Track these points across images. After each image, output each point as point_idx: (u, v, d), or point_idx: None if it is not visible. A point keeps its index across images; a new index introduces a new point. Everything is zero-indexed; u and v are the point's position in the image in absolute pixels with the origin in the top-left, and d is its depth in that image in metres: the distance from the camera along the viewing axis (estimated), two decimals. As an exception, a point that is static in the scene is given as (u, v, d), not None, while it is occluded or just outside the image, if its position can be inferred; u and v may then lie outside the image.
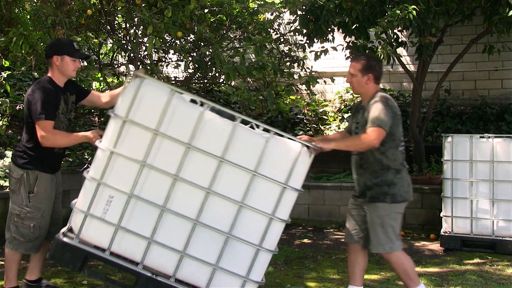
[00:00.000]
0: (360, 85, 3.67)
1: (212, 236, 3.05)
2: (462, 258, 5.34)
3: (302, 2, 6.43)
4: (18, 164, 3.68)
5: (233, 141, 3.00)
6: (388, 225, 3.57)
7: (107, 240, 3.06)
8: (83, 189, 3.15)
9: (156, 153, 3.00)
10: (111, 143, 3.03)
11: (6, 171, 7.07)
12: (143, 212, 3.03)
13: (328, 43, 6.81)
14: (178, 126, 2.99)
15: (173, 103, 3.00)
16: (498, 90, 8.73)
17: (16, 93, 6.64)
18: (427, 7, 5.82)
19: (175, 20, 5.41)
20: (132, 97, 3.00)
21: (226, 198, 3.02)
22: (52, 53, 3.66)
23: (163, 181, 3.01)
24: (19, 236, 3.68)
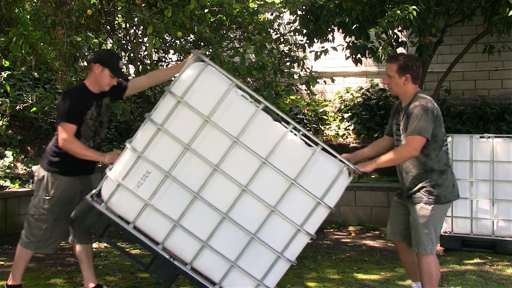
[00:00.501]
0: (398, 87, 3.62)
1: (237, 233, 3.05)
2: (462, 258, 5.34)
3: (302, 2, 6.42)
4: (43, 165, 3.74)
5: (281, 146, 3.01)
6: (431, 226, 3.54)
7: (133, 214, 3.05)
8: (121, 157, 3.12)
9: (202, 140, 3.00)
10: (160, 119, 3.01)
11: (6, 171, 7.08)
12: (176, 195, 3.02)
13: (328, 43, 6.81)
14: (231, 119, 2.99)
15: (231, 95, 3.01)
16: (498, 90, 8.73)
17: (16, 93, 6.65)
18: (427, 7, 5.82)
19: (175, 20, 5.41)
20: (192, 79, 2.99)
21: (260, 200, 3.02)
22: (97, 61, 3.70)
23: (202, 169, 3.01)
24: (30, 235, 3.72)
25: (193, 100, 2.98)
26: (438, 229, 3.60)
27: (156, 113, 3.06)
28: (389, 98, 8.91)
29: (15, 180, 7.00)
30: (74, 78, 5.49)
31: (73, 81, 5.57)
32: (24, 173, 7.29)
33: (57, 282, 4.61)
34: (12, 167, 7.30)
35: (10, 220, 6.58)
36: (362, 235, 6.57)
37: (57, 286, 4.52)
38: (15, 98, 5.90)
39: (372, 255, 5.53)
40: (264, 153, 3.00)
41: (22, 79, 8.37)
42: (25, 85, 8.24)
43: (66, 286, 4.50)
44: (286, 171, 3.00)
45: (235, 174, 3.00)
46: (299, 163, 3.02)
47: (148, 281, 4.57)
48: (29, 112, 5.97)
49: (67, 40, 5.13)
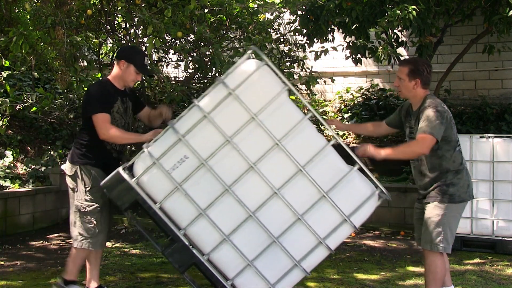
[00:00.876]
0: (408, 90, 3.64)
1: (260, 234, 3.05)
2: (462, 258, 5.34)
3: (302, 2, 6.42)
4: (72, 160, 3.74)
5: (320, 157, 3.02)
6: (445, 224, 3.53)
7: (162, 195, 3.05)
8: (162, 136, 3.10)
9: (245, 136, 3.00)
10: (209, 107, 3.01)
11: (6, 171, 7.08)
12: (208, 184, 3.02)
13: (328, 43, 6.81)
14: (277, 121, 3.00)
15: (282, 98, 3.01)
16: (498, 90, 8.73)
17: (16, 93, 6.65)
18: (427, 7, 5.82)
19: (175, 20, 5.41)
20: (247, 75, 2.99)
21: (289, 206, 3.02)
22: (123, 57, 3.74)
23: (239, 164, 3.01)
24: (84, 231, 3.72)
25: (244, 95, 2.98)
26: (453, 229, 3.59)
27: (205, 100, 3.05)
28: (389, 98, 8.90)
29: (15, 180, 7.00)
30: (74, 78, 5.49)
31: (73, 81, 5.57)
32: (24, 173, 7.29)
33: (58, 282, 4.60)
34: (12, 167, 7.30)
35: (10, 220, 6.58)
36: (362, 235, 6.57)
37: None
38: (15, 98, 5.90)
39: (372, 255, 5.53)
40: (303, 161, 3.01)
41: (22, 79, 8.37)
42: (25, 85, 8.24)
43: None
44: (321, 182, 3.01)
45: (270, 176, 3.01)
46: (335, 177, 3.04)
47: (148, 281, 4.57)
48: (29, 112, 5.97)
49: (67, 40, 5.13)
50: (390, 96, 9.00)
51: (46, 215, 7.03)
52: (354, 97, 9.46)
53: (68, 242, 6.22)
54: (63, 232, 6.70)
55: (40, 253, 5.76)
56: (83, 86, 5.36)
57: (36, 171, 7.30)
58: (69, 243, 6.20)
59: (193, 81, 6.56)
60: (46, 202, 7.04)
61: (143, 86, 6.25)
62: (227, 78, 3.02)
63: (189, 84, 6.46)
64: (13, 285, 4.56)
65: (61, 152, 7.84)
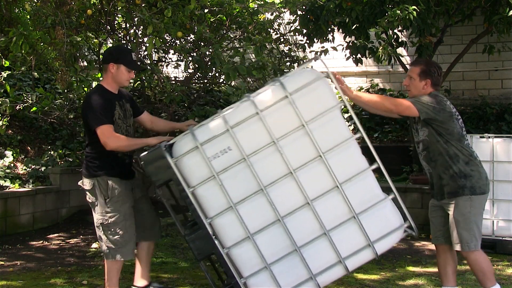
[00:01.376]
0: (417, 90, 3.67)
1: (283, 240, 3.05)
2: (462, 258, 5.31)
3: (302, 2, 6.42)
4: (87, 174, 3.71)
5: (359, 178, 3.05)
6: (472, 222, 3.55)
7: (197, 180, 3.04)
8: (210, 122, 3.10)
9: (291, 142, 3.01)
10: (262, 105, 3.01)
11: (6, 171, 7.08)
12: (244, 180, 3.03)
13: (328, 43, 6.81)
14: (325, 134, 3.02)
15: (335, 113, 3.04)
16: (498, 90, 8.73)
17: (16, 93, 6.65)
18: (427, 7, 5.82)
19: (175, 20, 5.40)
20: (307, 82, 3.01)
21: (318, 219, 3.03)
22: (109, 60, 3.69)
23: (279, 168, 3.02)
24: (111, 244, 3.67)
25: (299, 101, 2.99)
26: (479, 224, 3.60)
27: (259, 97, 3.05)
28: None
29: (15, 180, 7.00)
30: (74, 78, 5.48)
31: (73, 81, 5.56)
32: (24, 173, 7.29)
33: (57, 282, 4.61)
34: (12, 167, 7.30)
35: (10, 220, 6.58)
36: (362, 235, 6.56)
37: (57, 286, 4.52)
38: (15, 98, 5.89)
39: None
40: (341, 179, 3.02)
41: (22, 79, 8.37)
42: (25, 85, 8.24)
43: (66, 286, 4.50)
44: (354, 203, 3.03)
45: (306, 185, 3.02)
46: (369, 201, 3.06)
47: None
48: (29, 112, 5.96)
49: (67, 40, 5.12)
50: (390, 95, 9.00)
51: (46, 215, 7.03)
52: (354, 97, 9.46)
53: (68, 242, 6.23)
54: (63, 232, 6.70)
55: (40, 253, 5.76)
56: (83, 86, 5.35)
57: (36, 171, 7.30)
58: (69, 243, 6.20)
59: (193, 81, 6.55)
60: (46, 202, 7.04)
61: (143, 86, 6.25)
62: (286, 81, 3.03)
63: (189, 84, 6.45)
64: (13, 285, 4.57)
65: (61, 152, 7.84)
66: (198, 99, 7.84)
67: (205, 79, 6.51)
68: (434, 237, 3.80)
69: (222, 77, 6.07)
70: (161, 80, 5.69)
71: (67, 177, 7.36)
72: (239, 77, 5.42)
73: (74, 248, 5.97)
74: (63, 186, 7.27)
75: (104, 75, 3.77)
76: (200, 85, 6.92)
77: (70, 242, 6.25)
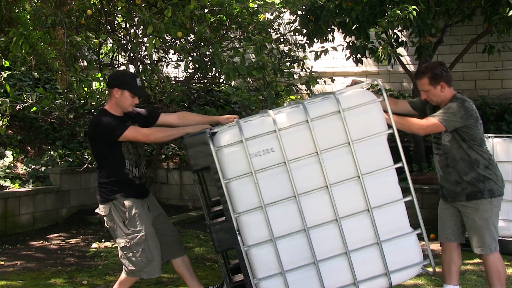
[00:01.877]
0: (437, 96, 3.65)
1: (304, 251, 3.05)
2: (462, 258, 5.32)
3: (302, 2, 6.42)
4: (102, 200, 3.68)
5: (390, 207, 3.07)
6: (492, 225, 3.57)
7: (234, 174, 3.03)
8: (258, 120, 3.10)
9: (333, 156, 3.02)
10: (313, 114, 3.00)
11: (6, 171, 7.08)
12: (279, 183, 3.02)
13: (328, 43, 6.81)
14: (368, 157, 3.04)
15: (381, 139, 3.08)
16: (498, 90, 8.73)
17: (16, 93, 6.65)
18: (427, 7, 5.82)
19: (175, 20, 5.40)
20: (362, 102, 3.05)
21: (343, 238, 3.03)
22: (114, 85, 3.68)
23: (316, 179, 3.02)
24: (133, 265, 3.63)
25: (350, 119, 3.00)
26: (496, 225, 3.63)
27: (312, 106, 3.05)
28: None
29: (15, 180, 7.00)
30: (74, 78, 5.49)
31: (73, 81, 5.56)
32: (24, 173, 7.29)
33: (57, 282, 4.61)
34: (12, 167, 7.30)
35: (10, 220, 6.58)
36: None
37: (57, 286, 4.52)
38: (15, 98, 5.90)
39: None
40: (374, 204, 3.04)
41: (22, 79, 8.37)
42: (25, 85, 8.24)
43: (66, 286, 4.50)
44: (380, 230, 3.04)
45: (338, 202, 3.02)
46: (395, 231, 3.08)
47: (148, 281, 4.57)
48: (29, 112, 5.97)
49: (67, 40, 5.12)
50: (390, 96, 9.00)
51: (46, 215, 7.03)
52: (354, 97, 9.46)
53: (68, 242, 6.23)
54: (63, 232, 6.70)
55: (40, 253, 5.77)
56: (83, 86, 5.35)
57: (36, 171, 7.30)
58: (69, 242, 6.21)
59: (193, 81, 6.55)
60: (46, 202, 7.04)
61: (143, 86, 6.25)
62: (342, 97, 3.04)
63: (189, 84, 6.45)
64: (13, 285, 4.57)
65: (61, 152, 7.84)
66: (198, 99, 7.84)
67: (205, 79, 6.51)
68: (443, 235, 3.80)
69: (222, 77, 6.07)
70: (161, 80, 5.69)
71: (67, 177, 7.37)
72: (239, 77, 5.42)
73: (74, 248, 5.97)
74: (63, 186, 7.27)
75: (108, 100, 3.74)
76: (200, 85, 6.92)
77: (70, 242, 6.25)
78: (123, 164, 3.62)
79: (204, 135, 3.09)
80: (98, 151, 3.68)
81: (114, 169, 3.62)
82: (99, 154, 3.69)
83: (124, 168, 3.63)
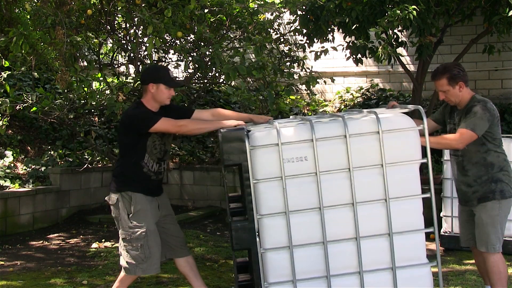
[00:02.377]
0: (456, 96, 3.68)
1: (319, 264, 3.05)
2: (462, 258, 5.33)
3: (302, 2, 6.41)
4: (113, 189, 3.71)
5: (410, 235, 3.09)
6: (499, 224, 3.59)
7: (263, 176, 3.03)
8: (297, 126, 3.10)
9: (364, 175, 3.04)
10: (352, 130, 3.02)
11: (6, 171, 7.08)
12: (306, 193, 3.03)
13: (328, 43, 6.80)
14: (398, 182, 3.06)
15: (414, 167, 3.12)
16: (498, 90, 8.73)
17: (16, 93, 6.65)
18: (427, 7, 5.82)
19: (175, 20, 5.40)
20: (401, 127, 3.08)
21: (359, 257, 3.04)
22: (149, 81, 3.69)
23: (343, 195, 3.04)
24: (131, 259, 3.64)
25: (387, 142, 3.02)
26: (503, 227, 3.65)
27: (351, 122, 3.06)
28: (389, 98, 8.90)
29: (15, 180, 7.00)
30: (74, 78, 5.49)
31: (73, 81, 5.56)
32: (24, 173, 7.29)
33: (57, 282, 4.61)
34: (12, 167, 7.30)
35: (10, 220, 6.58)
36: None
37: (57, 286, 4.53)
38: (15, 98, 5.89)
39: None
40: (395, 229, 3.05)
41: (22, 79, 8.37)
42: (25, 85, 8.24)
43: (66, 286, 4.50)
44: (397, 255, 3.05)
45: (361, 221, 3.04)
46: (411, 260, 3.09)
47: (148, 281, 4.57)
48: (29, 112, 5.97)
49: (67, 40, 5.12)
50: (390, 96, 9.00)
51: (46, 215, 7.03)
52: (354, 97, 9.47)
53: (68, 242, 6.23)
54: (63, 232, 6.71)
55: (40, 253, 5.77)
56: (83, 86, 5.35)
57: (36, 171, 7.30)
58: (69, 242, 6.21)
59: (193, 81, 6.55)
60: (46, 202, 7.05)
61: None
62: (383, 119, 3.04)
63: (189, 84, 6.45)
64: (13, 285, 4.57)
65: (61, 152, 7.84)
66: (198, 99, 7.84)
67: (205, 79, 6.51)
68: (465, 240, 3.85)
69: (222, 77, 6.07)
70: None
71: (67, 177, 7.37)
72: (239, 77, 5.42)
73: (74, 248, 5.97)
74: (63, 186, 7.28)
75: (144, 96, 3.75)
76: (200, 85, 6.92)
77: (70, 242, 6.25)
78: (142, 158, 3.64)
79: (242, 132, 3.07)
80: (124, 141, 3.71)
81: (132, 162, 3.65)
82: (124, 144, 3.73)
83: (141, 161, 3.64)
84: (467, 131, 3.52)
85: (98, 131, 7.74)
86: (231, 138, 3.07)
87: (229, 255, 5.57)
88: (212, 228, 7.02)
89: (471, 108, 3.59)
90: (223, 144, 3.08)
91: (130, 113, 3.71)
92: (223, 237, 6.54)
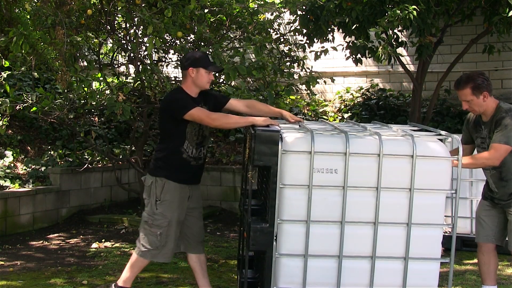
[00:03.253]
0: (480, 106, 3.66)
1: (331, 277, 3.06)
2: (462, 258, 5.33)
3: (302, 2, 6.42)
4: (150, 171, 3.76)
5: (426, 263, 3.14)
6: None
7: (290, 181, 3.03)
8: (332, 137, 3.12)
9: (390, 196, 3.05)
10: (386, 150, 3.02)
11: (6, 171, 7.08)
12: (330, 205, 3.04)
13: (328, 43, 6.80)
14: (422, 208, 3.07)
15: (441, 196, 3.13)
16: (498, 90, 8.71)
17: (16, 93, 6.65)
18: (427, 7, 5.82)
19: (175, 20, 5.41)
20: (435, 155, 3.09)
21: (372, 276, 3.05)
22: (188, 65, 3.72)
23: (367, 213, 3.05)
24: (146, 243, 3.70)
25: (419, 167, 3.03)
26: None
27: (387, 142, 3.07)
28: (389, 98, 8.90)
29: (15, 180, 7.00)
30: (74, 78, 5.49)
31: (73, 81, 5.57)
32: (24, 173, 7.29)
33: (57, 282, 4.61)
34: (12, 167, 7.30)
35: (10, 220, 6.58)
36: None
37: (57, 286, 4.53)
38: (15, 98, 5.89)
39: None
40: (412, 254, 3.07)
41: (22, 79, 8.37)
42: (25, 85, 8.24)
43: (66, 286, 4.50)
44: (409, 281, 3.07)
45: (380, 241, 3.04)
46: (423, 283, 3.13)
47: (148, 281, 4.57)
48: (29, 112, 5.97)
49: (67, 40, 5.13)
50: (390, 96, 9.00)
51: (46, 215, 7.03)
52: (354, 97, 9.46)
53: (68, 242, 6.23)
54: (63, 232, 6.70)
55: (40, 253, 5.77)
56: (83, 86, 5.35)
57: (36, 171, 7.30)
58: (69, 242, 6.21)
59: (193, 81, 6.56)
60: (46, 202, 7.04)
61: (143, 86, 6.25)
62: (418, 141, 3.06)
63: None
64: (13, 285, 4.57)
65: (61, 152, 7.84)
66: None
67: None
68: (484, 236, 3.86)
69: (222, 77, 6.07)
70: (161, 80, 5.69)
71: (67, 177, 7.36)
72: (239, 77, 5.43)
73: (74, 248, 5.97)
74: (63, 186, 7.28)
75: (183, 81, 3.77)
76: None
77: (70, 242, 6.25)
78: (181, 144, 3.66)
79: (277, 134, 3.05)
80: (164, 126, 3.76)
81: (171, 148, 3.68)
82: (163, 129, 3.78)
83: (181, 147, 3.66)
84: (502, 146, 3.49)
85: (98, 131, 7.74)
86: (266, 139, 3.05)
87: (229, 255, 5.57)
88: (212, 228, 7.02)
89: (501, 120, 3.55)
90: (256, 145, 3.05)
91: (168, 98, 3.78)
92: (223, 237, 6.54)
